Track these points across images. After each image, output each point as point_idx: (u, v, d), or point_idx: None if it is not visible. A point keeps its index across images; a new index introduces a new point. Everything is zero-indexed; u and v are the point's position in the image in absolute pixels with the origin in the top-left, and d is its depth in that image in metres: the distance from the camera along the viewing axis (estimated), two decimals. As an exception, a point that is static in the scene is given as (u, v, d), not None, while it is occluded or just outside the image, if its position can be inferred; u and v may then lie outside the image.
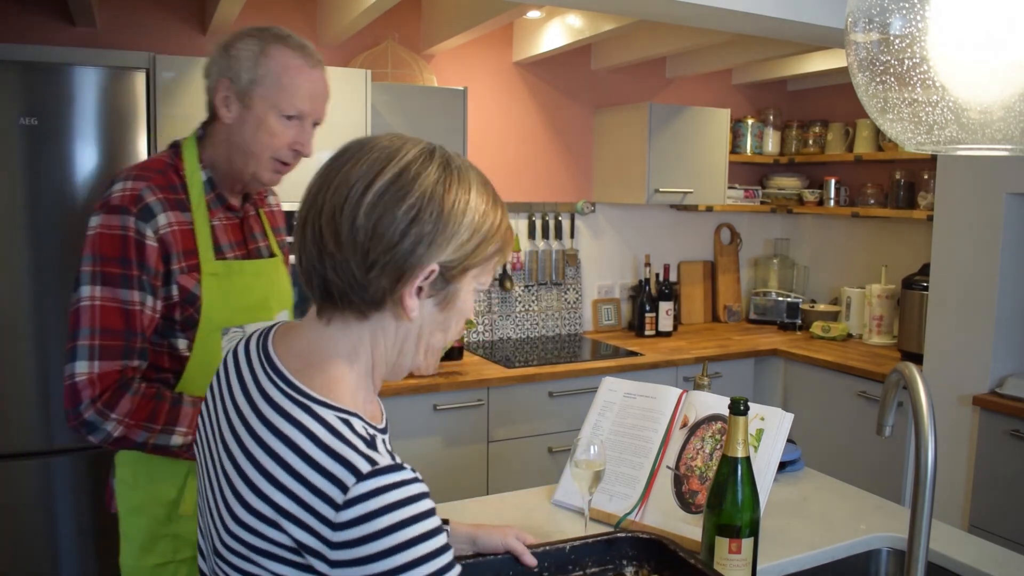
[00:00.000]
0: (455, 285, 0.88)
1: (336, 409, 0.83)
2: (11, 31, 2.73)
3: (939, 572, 1.45)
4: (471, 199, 0.86)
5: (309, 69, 1.44)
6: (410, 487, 0.79)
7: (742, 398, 1.23)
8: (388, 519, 0.77)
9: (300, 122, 1.44)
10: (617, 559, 1.28)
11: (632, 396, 1.71)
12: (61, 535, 2.38)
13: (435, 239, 0.84)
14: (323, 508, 0.77)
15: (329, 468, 0.78)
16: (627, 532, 1.30)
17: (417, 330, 0.89)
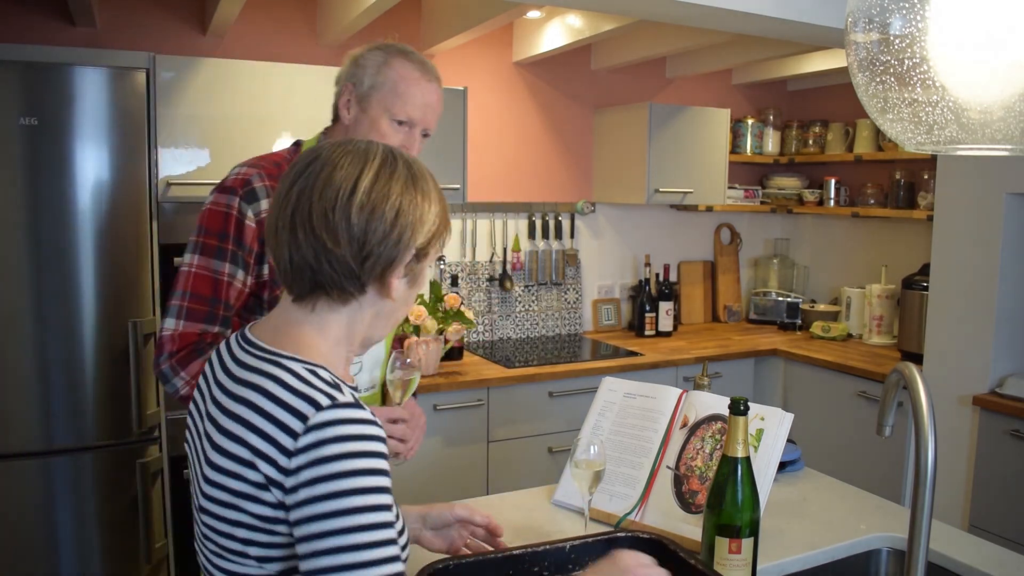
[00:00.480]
0: (421, 264, 1.00)
1: (303, 362, 0.92)
2: (11, 31, 2.73)
3: (939, 572, 1.45)
4: (431, 192, 1.00)
5: (425, 82, 1.55)
6: (367, 427, 0.87)
7: (742, 398, 1.23)
8: (339, 447, 0.84)
9: (410, 129, 1.55)
10: None
11: (632, 396, 1.71)
12: (61, 535, 2.38)
13: (416, 227, 0.96)
14: (284, 439, 0.85)
15: (293, 404, 0.87)
16: (627, 532, 1.30)
17: (390, 308, 1.00)
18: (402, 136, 1.54)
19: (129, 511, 2.45)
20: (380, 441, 0.88)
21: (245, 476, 0.87)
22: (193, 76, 2.46)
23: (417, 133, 1.56)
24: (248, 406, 0.89)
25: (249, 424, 0.88)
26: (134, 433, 2.43)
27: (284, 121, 2.58)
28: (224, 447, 0.90)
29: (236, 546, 0.90)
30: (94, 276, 2.35)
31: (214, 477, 0.90)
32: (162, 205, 2.46)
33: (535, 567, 1.23)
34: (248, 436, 0.88)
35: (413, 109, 1.53)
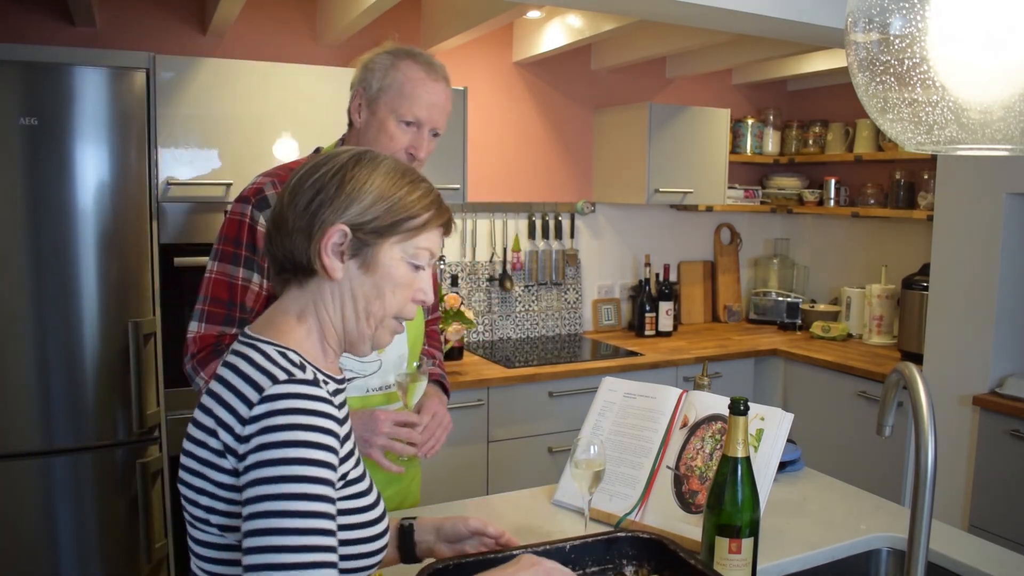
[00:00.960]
0: (373, 249, 0.99)
1: (276, 345, 0.97)
2: (11, 31, 2.73)
3: (939, 572, 1.45)
4: (376, 174, 1.00)
5: (431, 82, 1.58)
6: (317, 403, 0.91)
7: (742, 398, 1.23)
8: (287, 419, 0.88)
9: (417, 129, 1.58)
10: (617, 559, 1.28)
11: (632, 396, 1.71)
12: (61, 535, 2.38)
13: (335, 201, 0.97)
14: (241, 408, 0.90)
15: (254, 377, 0.92)
16: (627, 532, 1.30)
17: (351, 294, 1.01)
18: (410, 136, 1.58)
19: (129, 511, 2.45)
20: (330, 419, 0.91)
21: (208, 444, 0.92)
22: (193, 76, 2.46)
23: (425, 133, 1.59)
24: (220, 382, 0.95)
25: (218, 397, 0.93)
26: (134, 433, 2.43)
27: (284, 121, 2.58)
28: (197, 419, 0.95)
29: (200, 513, 0.94)
30: (94, 276, 2.35)
31: (187, 446, 0.96)
32: (162, 205, 2.46)
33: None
34: (215, 407, 0.93)
35: (419, 109, 1.57)
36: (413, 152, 1.59)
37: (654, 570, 1.26)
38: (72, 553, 2.39)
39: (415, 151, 1.59)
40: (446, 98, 1.61)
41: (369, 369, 1.65)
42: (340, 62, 3.21)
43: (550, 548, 1.24)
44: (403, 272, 1.02)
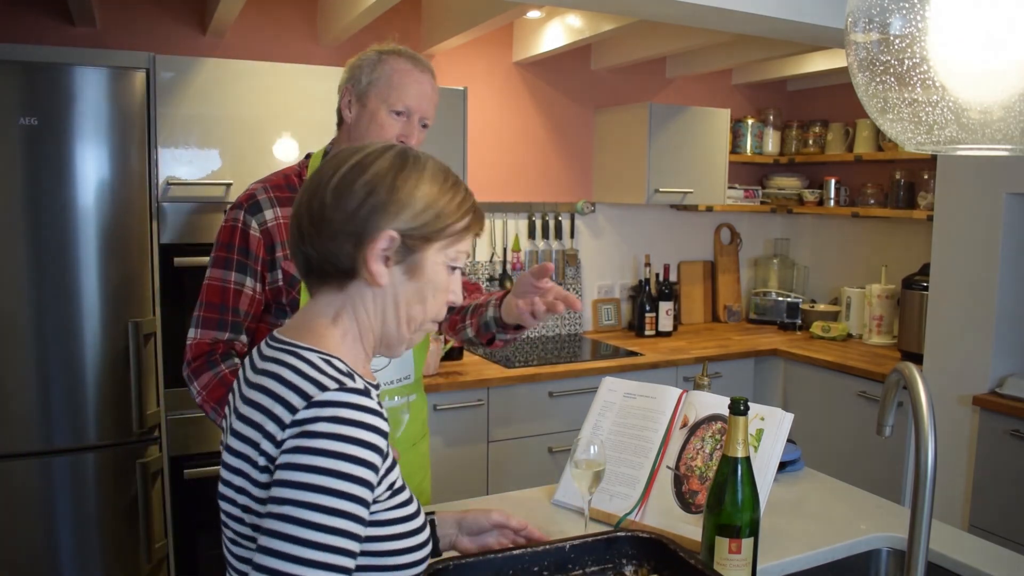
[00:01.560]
0: (419, 255, 0.98)
1: (319, 352, 0.94)
2: (11, 31, 2.73)
3: (939, 572, 1.45)
4: (423, 179, 0.98)
5: (418, 72, 1.62)
6: (366, 414, 0.87)
7: (742, 398, 1.23)
8: (331, 427, 0.85)
9: (407, 118, 1.62)
10: (617, 558, 1.28)
11: (632, 396, 1.71)
12: (61, 535, 2.38)
13: (388, 208, 0.95)
14: (284, 413, 0.87)
15: (300, 385, 0.89)
16: (627, 531, 1.30)
17: (393, 298, 0.99)
18: (400, 125, 1.61)
19: (129, 511, 2.45)
20: (378, 434, 0.88)
21: (253, 459, 0.89)
22: (193, 76, 2.46)
23: (415, 122, 1.62)
24: (262, 391, 0.91)
25: (261, 407, 0.90)
26: (134, 433, 2.43)
27: (284, 121, 2.58)
28: (239, 431, 0.92)
29: (246, 531, 0.92)
30: (94, 276, 2.35)
31: (229, 461, 0.93)
32: (162, 205, 2.46)
33: (535, 567, 1.23)
34: (259, 418, 0.90)
35: (409, 98, 1.60)
36: (404, 140, 1.61)
37: (654, 570, 1.26)
38: (72, 553, 2.39)
39: (405, 139, 1.62)
40: (433, 89, 1.65)
41: (378, 364, 1.67)
42: (340, 62, 3.19)
43: (550, 548, 1.24)
44: (444, 276, 1.01)
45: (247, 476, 0.90)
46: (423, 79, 1.63)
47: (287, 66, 2.62)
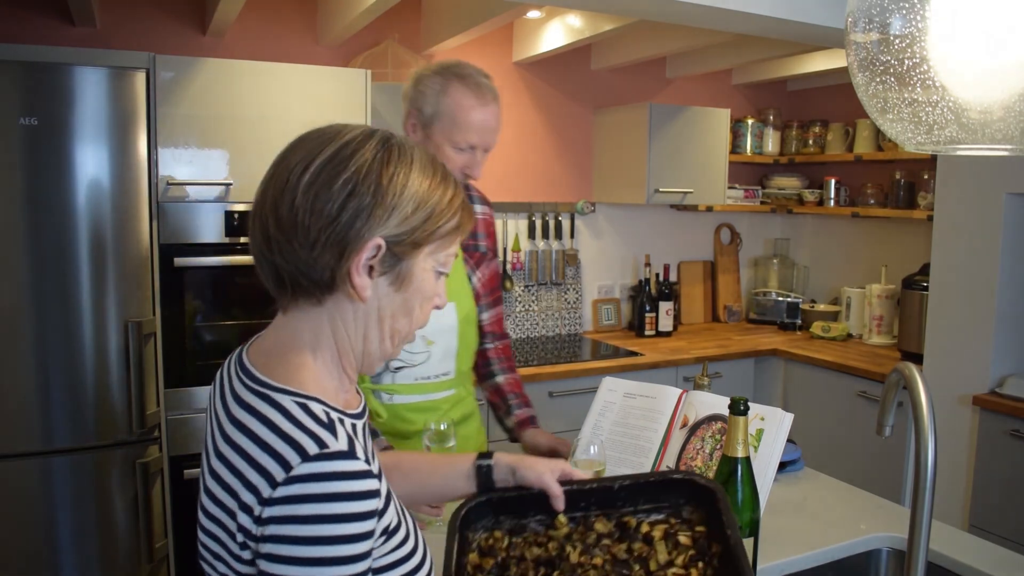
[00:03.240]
0: (407, 262, 0.86)
1: (294, 394, 0.82)
2: (11, 31, 2.73)
3: (939, 572, 1.45)
4: (412, 173, 0.85)
5: (480, 107, 1.65)
6: (354, 482, 0.77)
7: (742, 398, 1.23)
8: (318, 508, 0.75)
9: (471, 152, 1.67)
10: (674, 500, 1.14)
11: (632, 396, 1.71)
12: (61, 535, 2.38)
13: (374, 212, 0.82)
14: (263, 486, 0.76)
15: (277, 448, 0.77)
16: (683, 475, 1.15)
17: (377, 313, 0.87)
18: (465, 158, 1.67)
19: (129, 511, 2.45)
20: (369, 497, 0.77)
21: (229, 529, 0.80)
22: (193, 76, 2.46)
23: (478, 154, 1.69)
24: (236, 450, 0.80)
25: (236, 470, 0.79)
26: (134, 433, 2.43)
27: (284, 121, 2.58)
28: (214, 493, 0.82)
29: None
30: (94, 276, 2.35)
31: (205, 523, 0.84)
32: (162, 205, 2.46)
33: (581, 503, 1.14)
34: (234, 483, 0.79)
35: (472, 136, 1.65)
36: (468, 172, 1.68)
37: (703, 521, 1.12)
38: (72, 553, 2.39)
39: (470, 172, 1.69)
40: (495, 117, 1.68)
41: (417, 359, 1.72)
42: (340, 62, 3.21)
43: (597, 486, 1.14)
44: (431, 283, 0.89)
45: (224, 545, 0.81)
46: (486, 112, 1.65)
47: (287, 66, 2.62)
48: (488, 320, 1.93)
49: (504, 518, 1.15)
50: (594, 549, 1.09)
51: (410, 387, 1.74)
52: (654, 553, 1.07)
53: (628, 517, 1.12)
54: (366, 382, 1.75)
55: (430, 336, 1.75)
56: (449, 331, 1.78)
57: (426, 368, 1.76)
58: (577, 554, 1.09)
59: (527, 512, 1.14)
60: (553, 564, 1.09)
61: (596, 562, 1.08)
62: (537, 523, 1.14)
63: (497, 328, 1.95)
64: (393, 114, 2.94)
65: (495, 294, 1.95)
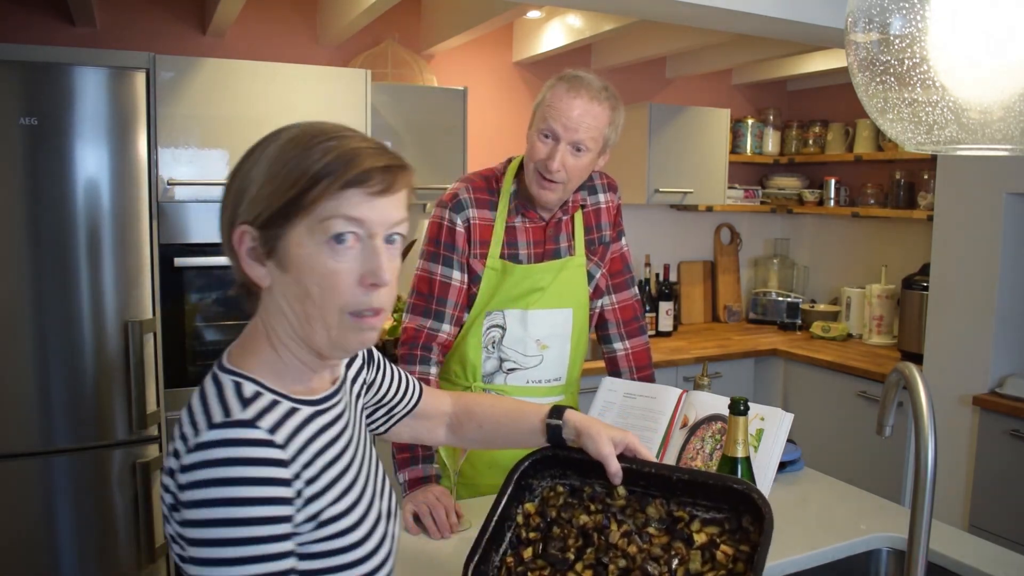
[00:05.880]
0: (282, 242, 0.83)
1: (234, 373, 0.87)
2: (11, 31, 2.73)
3: (939, 572, 1.45)
4: (267, 153, 0.85)
5: (569, 98, 1.65)
6: (250, 448, 0.78)
7: (742, 398, 1.23)
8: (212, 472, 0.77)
9: (554, 143, 1.65)
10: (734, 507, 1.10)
11: (632, 396, 1.71)
12: (61, 535, 2.38)
13: (235, 200, 0.85)
14: (181, 448, 0.81)
15: (196, 416, 0.82)
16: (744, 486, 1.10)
17: (283, 298, 0.86)
18: (546, 148, 1.66)
19: (129, 511, 2.45)
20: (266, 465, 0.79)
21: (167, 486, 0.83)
22: (193, 76, 2.46)
23: (561, 147, 1.64)
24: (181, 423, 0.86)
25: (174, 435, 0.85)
26: (134, 433, 2.43)
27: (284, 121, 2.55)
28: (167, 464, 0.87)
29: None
30: (94, 276, 2.35)
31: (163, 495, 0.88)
32: (162, 205, 2.46)
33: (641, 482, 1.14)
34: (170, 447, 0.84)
35: (554, 123, 1.64)
36: (546, 163, 1.65)
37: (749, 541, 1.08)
38: (72, 553, 2.39)
39: (547, 163, 1.65)
40: (585, 113, 1.64)
41: (530, 363, 1.77)
42: (340, 62, 3.21)
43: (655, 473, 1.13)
44: (320, 257, 0.83)
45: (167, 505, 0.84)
46: (573, 104, 1.64)
47: (287, 66, 2.62)
48: (611, 306, 1.92)
49: (571, 473, 1.19)
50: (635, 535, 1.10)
51: (521, 389, 1.76)
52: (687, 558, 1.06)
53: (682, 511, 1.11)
54: (478, 381, 1.77)
55: (544, 340, 1.78)
56: (563, 337, 1.79)
57: (539, 372, 1.77)
58: (618, 534, 1.10)
59: (590, 474, 1.17)
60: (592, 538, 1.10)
61: (631, 550, 1.08)
62: (600, 486, 1.17)
63: (626, 316, 1.92)
64: (393, 114, 2.95)
65: (620, 277, 1.93)
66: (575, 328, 1.81)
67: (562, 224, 1.81)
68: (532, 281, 1.75)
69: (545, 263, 1.77)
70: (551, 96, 1.67)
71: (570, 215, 1.83)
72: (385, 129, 2.93)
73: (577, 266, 1.81)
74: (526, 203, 1.77)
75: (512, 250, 1.75)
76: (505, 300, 1.75)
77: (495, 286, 1.74)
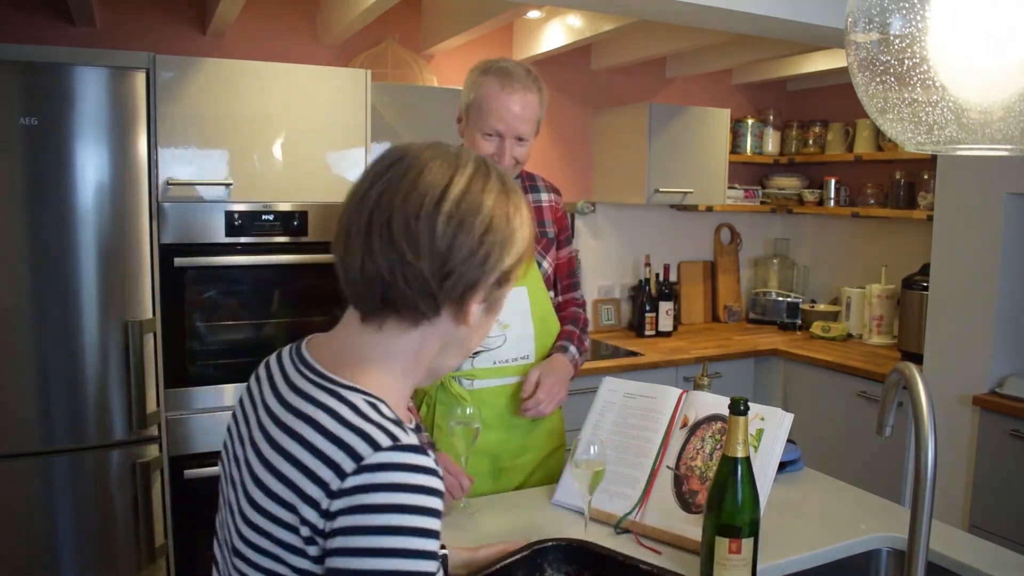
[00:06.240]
0: (503, 290, 0.90)
1: (364, 393, 0.83)
2: (11, 31, 2.73)
3: (939, 572, 1.45)
4: (523, 213, 0.90)
5: (504, 95, 1.70)
6: (427, 477, 0.77)
7: (742, 398, 1.23)
8: (390, 497, 0.75)
9: (500, 140, 1.72)
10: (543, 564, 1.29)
11: (632, 396, 1.71)
12: (61, 535, 2.38)
13: (505, 249, 0.86)
14: (330, 478, 0.75)
15: (347, 440, 0.77)
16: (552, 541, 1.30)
17: (468, 335, 0.91)
18: (493, 146, 1.71)
19: (129, 511, 2.45)
20: (438, 496, 0.78)
21: (288, 523, 0.78)
22: (193, 76, 2.46)
23: (507, 143, 1.71)
24: (298, 440, 0.80)
25: (298, 462, 0.79)
26: (134, 433, 2.43)
27: (284, 121, 2.58)
28: (268, 484, 0.80)
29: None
30: (94, 276, 2.35)
31: (253, 518, 0.82)
32: (162, 205, 2.46)
33: None
34: (295, 476, 0.78)
35: (496, 122, 1.70)
36: (496, 160, 1.71)
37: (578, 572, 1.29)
38: (72, 553, 2.39)
39: (498, 158, 1.71)
40: (521, 104, 1.71)
41: (494, 343, 1.79)
42: (340, 62, 3.21)
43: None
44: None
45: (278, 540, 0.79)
46: (511, 100, 1.69)
47: (287, 66, 2.62)
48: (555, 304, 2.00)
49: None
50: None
51: (489, 371, 1.78)
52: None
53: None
54: None
55: (504, 320, 1.81)
56: (522, 314, 1.83)
57: (504, 351, 1.80)
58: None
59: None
60: None
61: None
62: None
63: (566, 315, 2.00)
64: (393, 114, 2.94)
65: (568, 279, 2.01)
66: (534, 305, 1.84)
67: None
68: None
69: None
70: (485, 95, 1.71)
71: None
72: (385, 129, 2.93)
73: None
74: None
75: None
76: None
77: None
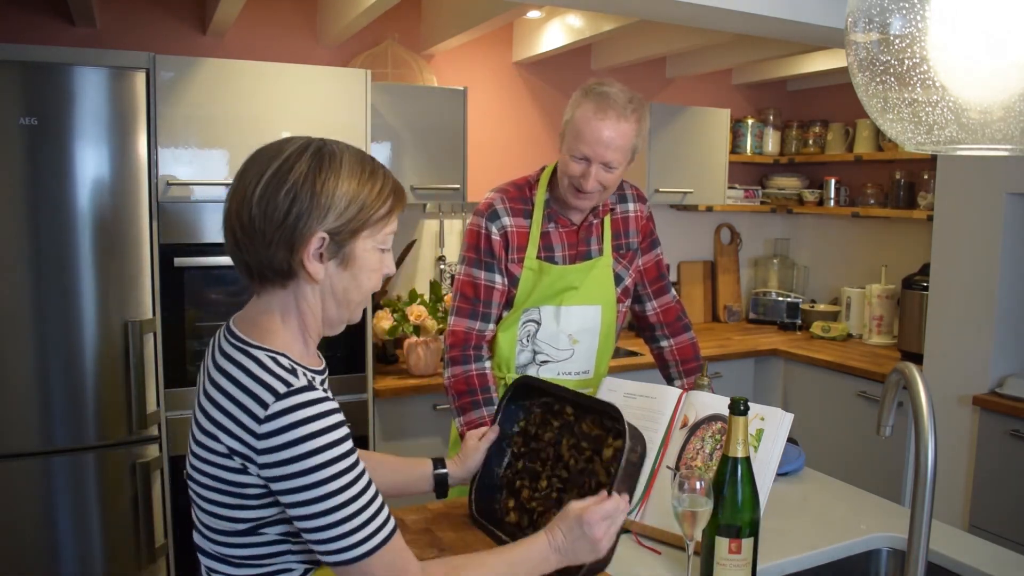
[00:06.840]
0: (349, 247, 1.06)
1: (267, 350, 1.04)
2: (11, 31, 2.73)
3: (939, 572, 1.45)
4: (341, 176, 1.04)
5: (596, 121, 1.75)
6: (317, 404, 0.99)
7: (742, 398, 1.23)
8: (301, 430, 0.97)
9: (587, 164, 1.77)
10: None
11: (632, 396, 1.71)
12: (61, 535, 2.38)
13: (313, 212, 1.02)
14: (248, 421, 0.98)
15: (253, 390, 0.99)
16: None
17: (331, 289, 1.08)
18: (580, 169, 1.78)
19: (129, 511, 2.45)
20: (334, 413, 1.00)
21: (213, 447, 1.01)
22: (193, 76, 2.46)
23: (594, 168, 1.76)
24: (219, 390, 1.02)
25: (223, 408, 1.01)
26: (134, 433, 2.43)
27: (284, 121, 2.58)
28: (199, 421, 1.04)
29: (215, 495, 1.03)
30: (94, 276, 2.35)
31: (196, 450, 1.05)
32: (162, 205, 2.46)
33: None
34: (216, 414, 1.01)
35: (586, 148, 1.75)
36: (579, 183, 1.78)
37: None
38: (72, 553, 2.39)
39: (583, 182, 1.77)
40: (614, 134, 1.74)
41: (562, 356, 1.91)
42: (340, 62, 3.21)
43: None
44: (375, 258, 1.10)
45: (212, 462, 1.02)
46: (603, 126, 1.73)
47: (287, 66, 2.62)
48: (653, 310, 2.08)
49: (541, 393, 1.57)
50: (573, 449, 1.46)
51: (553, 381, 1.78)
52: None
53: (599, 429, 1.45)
54: (512, 372, 1.90)
55: (576, 335, 1.91)
56: (593, 332, 1.92)
57: (569, 364, 1.91)
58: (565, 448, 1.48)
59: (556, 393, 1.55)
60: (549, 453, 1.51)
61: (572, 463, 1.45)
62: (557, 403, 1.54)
63: (668, 317, 2.08)
64: (393, 114, 2.94)
65: (658, 283, 2.07)
66: (603, 324, 1.93)
67: (592, 228, 1.94)
68: (566, 281, 1.88)
69: (578, 264, 1.91)
70: (579, 118, 1.76)
71: (600, 219, 1.95)
72: (385, 129, 2.93)
73: (605, 266, 1.94)
74: (559, 210, 1.90)
75: (548, 252, 1.89)
76: (541, 298, 1.88)
77: (532, 285, 1.87)
